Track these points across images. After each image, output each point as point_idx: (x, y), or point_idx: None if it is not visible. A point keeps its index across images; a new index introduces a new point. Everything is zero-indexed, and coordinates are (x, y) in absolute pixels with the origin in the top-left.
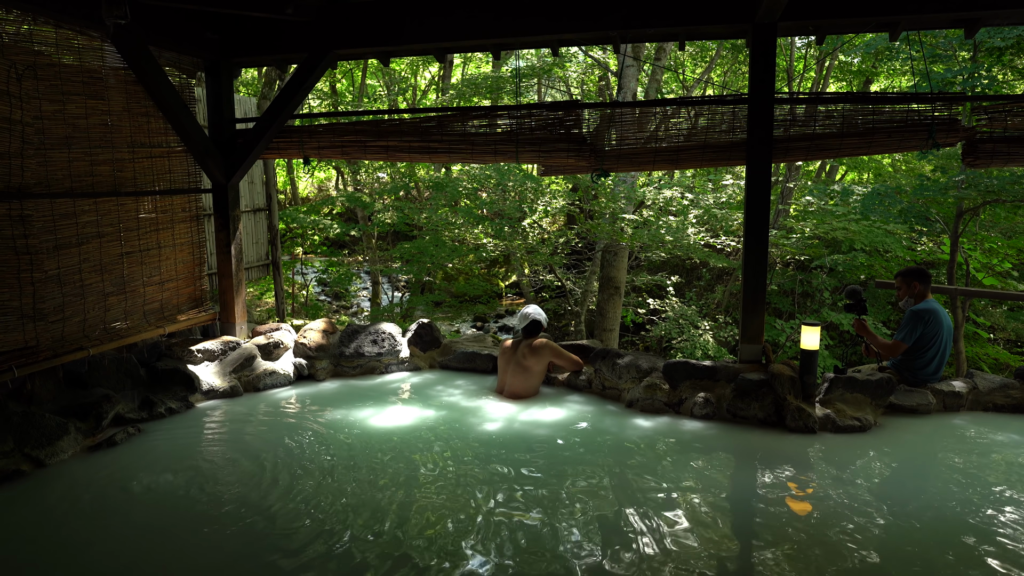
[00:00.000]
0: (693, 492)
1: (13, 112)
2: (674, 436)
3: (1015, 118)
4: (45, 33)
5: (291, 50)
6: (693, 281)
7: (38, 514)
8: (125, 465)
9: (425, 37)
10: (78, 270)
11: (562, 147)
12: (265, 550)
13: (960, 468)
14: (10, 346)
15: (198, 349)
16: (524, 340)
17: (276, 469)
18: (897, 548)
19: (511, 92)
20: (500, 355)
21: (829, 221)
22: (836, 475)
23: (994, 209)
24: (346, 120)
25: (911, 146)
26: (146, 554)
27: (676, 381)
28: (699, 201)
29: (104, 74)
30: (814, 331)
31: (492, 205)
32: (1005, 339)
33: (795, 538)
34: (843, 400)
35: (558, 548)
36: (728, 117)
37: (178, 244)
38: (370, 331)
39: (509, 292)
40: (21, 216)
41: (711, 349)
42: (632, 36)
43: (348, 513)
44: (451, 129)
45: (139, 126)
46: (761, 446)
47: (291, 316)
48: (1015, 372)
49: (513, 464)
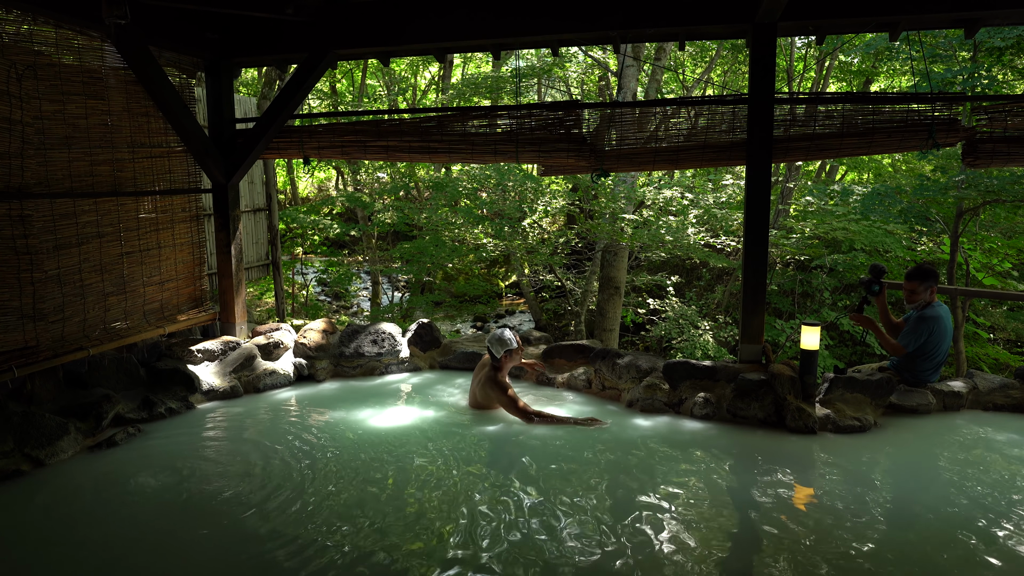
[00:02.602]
0: (693, 492)
1: (13, 112)
2: (674, 436)
3: (1015, 118)
4: (45, 33)
5: (291, 50)
6: (693, 281)
7: (38, 514)
8: (125, 465)
9: (425, 37)
10: (78, 270)
11: (562, 147)
12: (265, 550)
13: (960, 468)
14: (10, 346)
15: (198, 349)
16: (492, 363)
17: (276, 469)
18: (897, 548)
19: (511, 92)
20: (477, 366)
21: (829, 221)
22: (836, 475)
23: (994, 209)
24: (346, 120)
25: (911, 146)
26: (146, 554)
27: (676, 381)
28: (699, 201)
29: (104, 74)
30: (814, 331)
31: (492, 205)
32: (1005, 339)
33: (795, 538)
34: (843, 400)
35: (557, 548)
36: (728, 117)
37: (178, 244)
38: (370, 331)
39: (509, 292)
40: (21, 216)
41: (711, 349)
42: (632, 36)
43: (348, 513)
44: (451, 129)
45: (139, 126)
46: (761, 446)
47: (291, 316)
48: (1015, 372)
49: (513, 464)
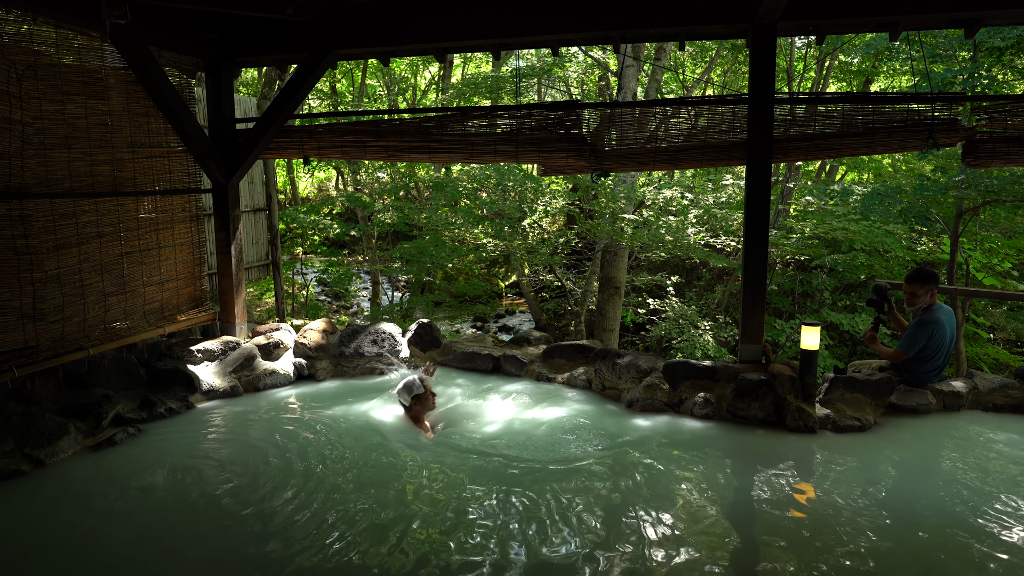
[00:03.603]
0: (692, 492)
1: (13, 112)
2: (674, 436)
3: (1015, 118)
4: (45, 33)
5: (291, 50)
6: (693, 281)
7: (37, 514)
8: (125, 465)
9: (425, 37)
10: (78, 270)
11: (562, 147)
12: (265, 550)
13: (960, 468)
14: (10, 346)
15: (198, 349)
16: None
17: (276, 469)
18: (897, 548)
19: (511, 92)
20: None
21: (829, 221)
22: (836, 475)
23: (994, 209)
24: (346, 120)
25: (911, 146)
26: (145, 554)
27: (676, 381)
28: (699, 201)
29: (104, 74)
30: (814, 331)
31: (492, 205)
32: (1005, 339)
33: (795, 538)
34: (843, 400)
35: (557, 548)
36: (728, 117)
37: (178, 244)
38: (370, 331)
39: (509, 292)
40: (21, 216)
41: (711, 349)
42: (632, 36)
43: (348, 513)
44: (451, 129)
45: (139, 126)
46: (761, 446)
47: (291, 316)
48: (1015, 372)
49: (512, 464)
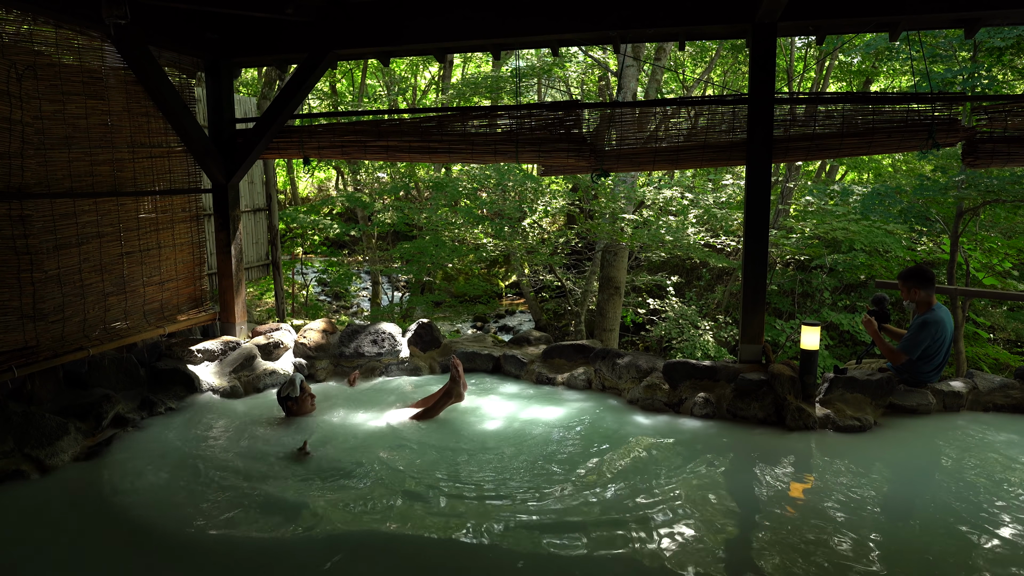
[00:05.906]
0: (693, 491)
1: (13, 112)
2: (674, 436)
3: (1015, 118)
4: (45, 33)
5: (291, 50)
6: (693, 281)
7: (37, 514)
8: (125, 465)
9: (425, 37)
10: (78, 270)
11: (562, 147)
12: (264, 550)
13: (960, 468)
14: (10, 346)
15: (198, 349)
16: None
17: (276, 469)
18: (897, 548)
19: (511, 92)
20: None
21: (829, 221)
22: (836, 475)
23: (994, 209)
24: (346, 120)
25: (911, 146)
26: (145, 554)
27: (676, 381)
28: (699, 201)
29: (104, 74)
30: (814, 331)
31: (492, 205)
32: (1005, 339)
33: (794, 537)
34: (843, 400)
35: (557, 548)
36: (728, 117)
37: (178, 244)
38: (370, 331)
39: (509, 292)
40: (21, 216)
41: (711, 349)
42: (632, 36)
43: (348, 512)
44: (451, 129)
45: (139, 126)
46: (761, 446)
47: (291, 316)
48: (1015, 372)
49: (511, 463)
